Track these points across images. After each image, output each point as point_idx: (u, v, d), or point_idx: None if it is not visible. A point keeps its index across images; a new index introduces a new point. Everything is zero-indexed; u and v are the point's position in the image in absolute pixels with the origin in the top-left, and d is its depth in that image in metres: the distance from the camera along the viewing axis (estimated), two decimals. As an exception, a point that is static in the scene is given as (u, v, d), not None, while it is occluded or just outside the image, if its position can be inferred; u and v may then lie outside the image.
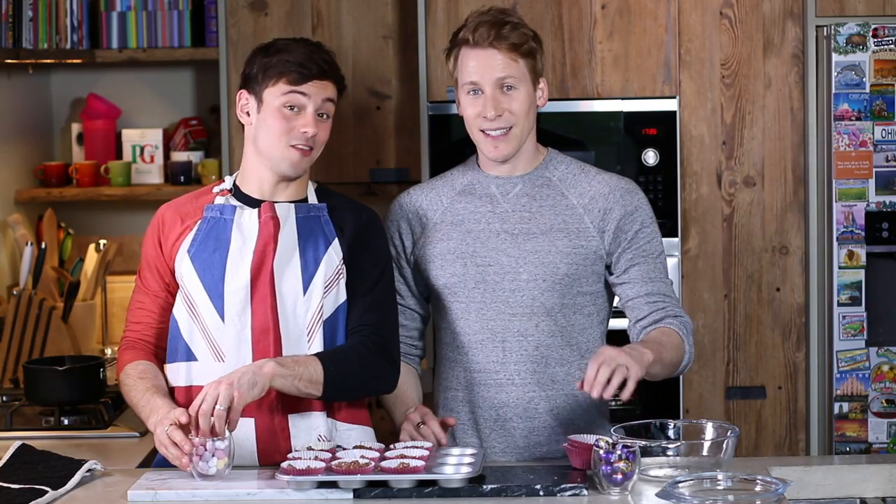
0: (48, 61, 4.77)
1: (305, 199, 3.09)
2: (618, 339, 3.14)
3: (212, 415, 2.80)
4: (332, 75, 3.04)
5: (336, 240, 3.05)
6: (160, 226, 3.11)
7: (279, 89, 3.00)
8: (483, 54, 3.04)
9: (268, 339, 2.99)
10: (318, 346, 3.01)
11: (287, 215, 3.05)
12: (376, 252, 3.09)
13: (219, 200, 3.07)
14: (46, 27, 4.64)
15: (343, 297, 3.05)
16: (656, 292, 3.08)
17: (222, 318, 3.01)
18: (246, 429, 2.98)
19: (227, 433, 2.82)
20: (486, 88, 3.05)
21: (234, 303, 3.00)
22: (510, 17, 3.09)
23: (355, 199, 3.17)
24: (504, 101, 3.05)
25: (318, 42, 3.11)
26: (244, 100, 3.06)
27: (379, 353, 3.03)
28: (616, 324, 3.22)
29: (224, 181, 3.12)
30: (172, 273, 3.08)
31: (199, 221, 3.06)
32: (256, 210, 3.04)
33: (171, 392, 3.05)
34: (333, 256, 3.04)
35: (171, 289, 3.09)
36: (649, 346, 2.94)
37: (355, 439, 3.04)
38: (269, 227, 3.02)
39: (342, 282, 3.04)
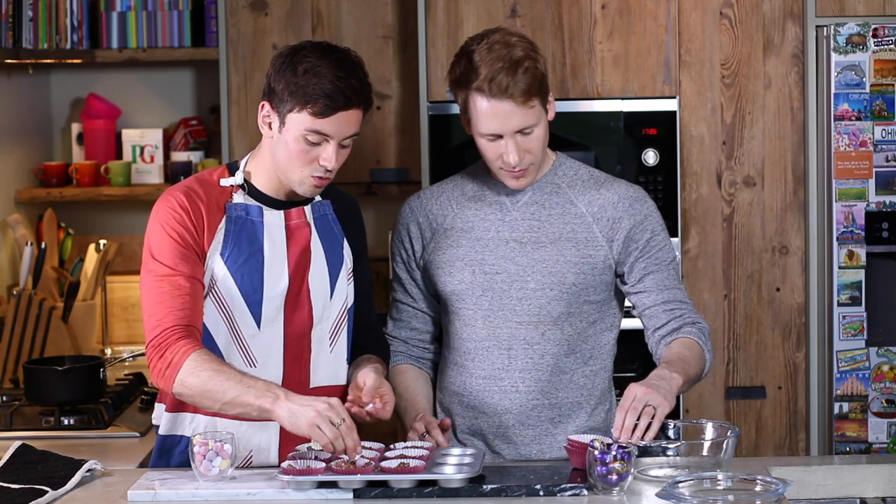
0: (48, 61, 4.77)
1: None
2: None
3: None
4: (359, 102, 2.88)
5: (344, 239, 3.07)
6: (187, 210, 2.93)
7: (303, 120, 2.86)
8: (499, 106, 2.95)
9: (301, 344, 3.00)
10: (343, 340, 3.06)
11: (310, 218, 3.03)
12: (363, 242, 3.15)
13: (237, 199, 2.97)
14: (46, 27, 4.63)
15: (352, 290, 3.08)
16: (673, 300, 3.07)
17: (258, 324, 2.97)
18: (270, 430, 3.02)
19: (229, 435, 2.83)
20: (506, 136, 2.98)
21: (270, 309, 2.97)
22: (518, 53, 2.95)
23: (335, 187, 3.11)
24: (524, 144, 2.99)
25: (346, 54, 2.91)
26: (266, 111, 2.91)
27: (380, 330, 3.21)
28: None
29: (231, 174, 3.00)
30: (203, 261, 2.94)
31: (224, 219, 2.95)
32: (282, 212, 2.99)
33: None
34: (346, 256, 3.06)
35: (202, 275, 2.93)
36: (675, 367, 2.91)
37: None
38: (305, 234, 3.00)
39: (352, 277, 3.09)
